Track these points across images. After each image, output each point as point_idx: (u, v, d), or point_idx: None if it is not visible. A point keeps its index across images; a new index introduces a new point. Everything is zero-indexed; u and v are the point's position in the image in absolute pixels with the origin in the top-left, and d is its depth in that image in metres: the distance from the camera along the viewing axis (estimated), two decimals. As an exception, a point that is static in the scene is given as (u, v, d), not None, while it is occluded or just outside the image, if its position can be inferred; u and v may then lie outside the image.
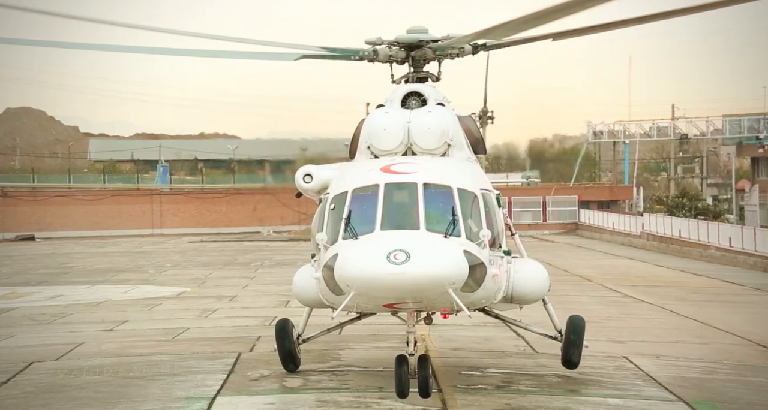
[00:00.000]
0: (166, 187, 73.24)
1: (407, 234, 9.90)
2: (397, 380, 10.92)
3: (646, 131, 77.22)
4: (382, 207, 10.25)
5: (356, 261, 9.62)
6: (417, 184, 10.44)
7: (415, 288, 9.54)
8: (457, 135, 12.03)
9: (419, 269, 9.38)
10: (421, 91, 12.07)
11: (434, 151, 11.65)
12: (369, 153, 11.83)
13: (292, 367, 13.01)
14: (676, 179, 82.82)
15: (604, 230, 59.95)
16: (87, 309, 24.00)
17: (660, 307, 23.54)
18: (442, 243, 9.85)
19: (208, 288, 29.63)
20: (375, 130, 11.75)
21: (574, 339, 12.73)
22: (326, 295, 10.62)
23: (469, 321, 20.26)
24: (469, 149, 12.57)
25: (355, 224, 10.21)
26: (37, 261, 43.72)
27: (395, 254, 9.42)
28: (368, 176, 10.82)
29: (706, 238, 43.22)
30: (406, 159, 11.46)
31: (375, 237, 9.94)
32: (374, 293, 9.68)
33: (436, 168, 11.01)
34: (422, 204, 10.22)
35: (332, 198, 10.87)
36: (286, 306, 23.36)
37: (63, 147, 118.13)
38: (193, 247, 54.40)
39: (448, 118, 11.91)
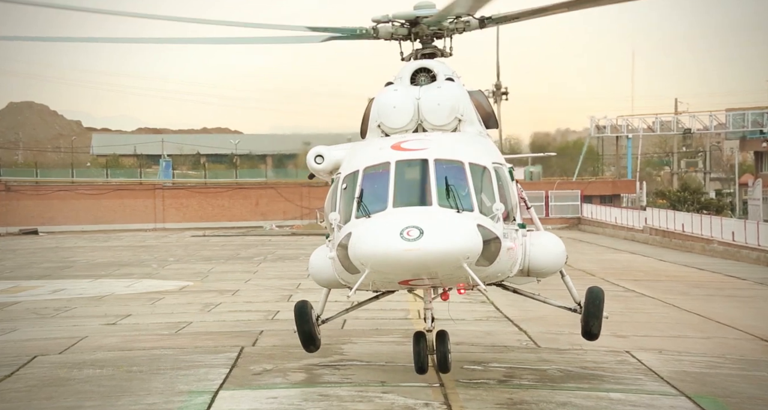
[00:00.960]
0: (168, 181, 73.30)
1: (420, 211, 9.86)
2: (415, 356, 10.99)
3: (649, 125, 77.07)
4: (394, 184, 10.20)
5: (370, 239, 9.57)
6: (428, 160, 10.37)
7: (429, 264, 9.49)
8: (468, 110, 11.88)
9: (433, 245, 9.34)
10: (429, 67, 11.94)
11: (445, 126, 11.53)
12: (379, 131, 11.71)
13: (313, 348, 12.89)
14: (679, 173, 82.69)
15: (607, 224, 59.91)
16: (90, 303, 24.04)
17: (662, 302, 23.53)
18: (455, 219, 9.80)
19: (210, 282, 29.66)
20: (384, 108, 11.63)
21: (594, 310, 12.58)
22: (342, 275, 10.58)
23: (471, 315, 20.27)
24: (481, 124, 12.42)
25: (367, 202, 10.19)
26: (40, 255, 43.80)
27: (408, 231, 9.38)
28: (379, 154, 10.74)
29: (709, 233, 43.18)
30: (417, 136, 11.35)
31: (388, 215, 9.90)
32: (389, 270, 9.63)
33: (446, 143, 10.92)
34: (434, 180, 10.17)
35: (344, 177, 10.82)
36: (288, 300, 23.38)
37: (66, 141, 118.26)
38: (196, 242, 54.45)
39: (458, 93, 11.77)
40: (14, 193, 67.15)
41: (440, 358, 10.94)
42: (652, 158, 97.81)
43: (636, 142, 77.94)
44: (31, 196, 67.42)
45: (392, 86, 11.96)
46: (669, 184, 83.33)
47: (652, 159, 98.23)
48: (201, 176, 77.18)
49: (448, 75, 12.05)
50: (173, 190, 71.26)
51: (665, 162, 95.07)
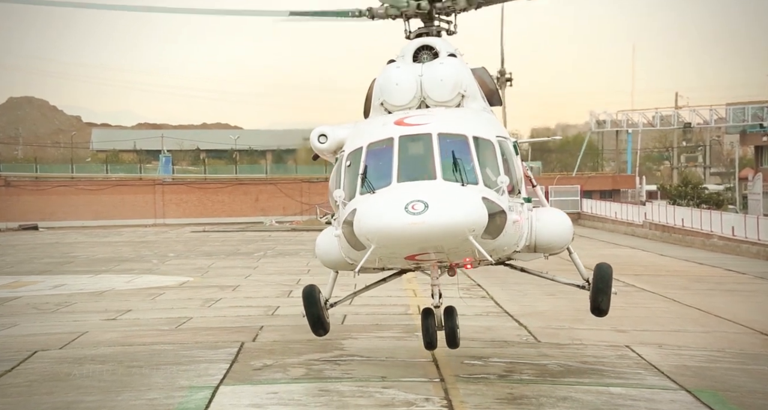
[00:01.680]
0: (168, 177, 73.26)
1: (424, 185, 9.83)
2: (424, 332, 11.01)
3: (649, 120, 77.01)
4: (398, 159, 10.18)
5: (375, 214, 9.55)
6: (431, 134, 10.35)
7: (435, 237, 9.44)
8: (471, 86, 11.84)
9: (438, 218, 9.32)
10: (432, 45, 11.89)
11: (448, 102, 11.46)
12: (382, 109, 11.67)
13: (322, 332, 12.82)
14: (679, 168, 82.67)
15: (607, 219, 59.91)
16: (90, 299, 24.05)
17: (662, 296, 23.54)
18: (459, 191, 9.78)
19: (210, 277, 29.67)
20: (387, 85, 11.59)
21: (602, 286, 12.42)
22: (348, 252, 10.53)
23: (471, 310, 20.28)
24: (484, 100, 12.37)
25: (371, 178, 10.18)
26: (40, 251, 43.81)
27: (413, 205, 9.36)
28: (382, 130, 10.72)
29: (709, 227, 43.19)
30: (420, 111, 11.30)
31: (392, 190, 9.89)
32: (394, 244, 9.59)
33: (450, 118, 10.90)
34: (438, 154, 10.14)
35: (347, 155, 10.80)
36: (288, 296, 23.40)
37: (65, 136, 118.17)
38: (196, 237, 54.46)
39: (461, 69, 11.74)
40: (14, 189, 67.13)
41: (449, 333, 10.98)
42: (652, 153, 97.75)
43: (636, 136, 77.90)
44: (31, 192, 67.41)
45: (394, 64, 11.90)
46: (669, 178, 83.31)
47: (652, 154, 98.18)
48: (201, 172, 77.15)
49: (451, 52, 12.00)
50: (173, 185, 71.25)
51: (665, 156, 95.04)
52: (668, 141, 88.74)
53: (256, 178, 73.16)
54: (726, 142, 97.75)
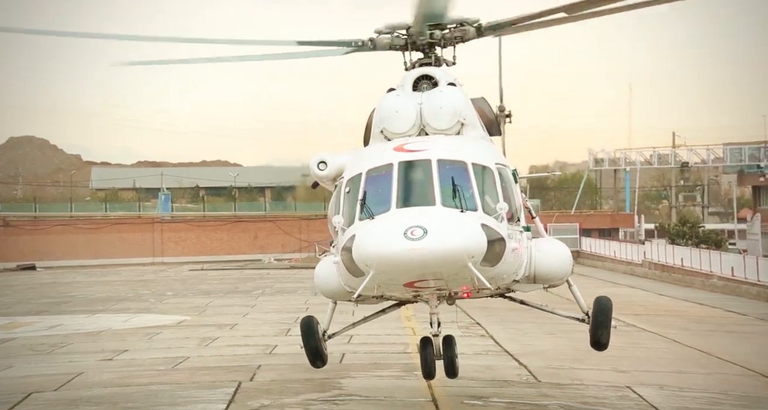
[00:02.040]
0: (167, 215, 73.24)
1: (423, 211, 9.82)
2: (422, 361, 10.95)
3: (647, 159, 77.34)
4: (397, 185, 10.18)
5: (374, 239, 9.50)
6: (431, 160, 10.36)
7: (434, 263, 9.39)
8: (470, 114, 11.90)
9: (437, 244, 9.27)
10: (431, 74, 11.98)
11: (447, 130, 11.50)
12: (382, 137, 11.69)
13: (320, 364, 12.61)
14: (678, 207, 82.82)
15: (606, 258, 59.80)
16: (87, 339, 23.86)
17: (663, 337, 23.38)
18: (458, 218, 9.74)
19: (208, 316, 29.49)
20: (387, 112, 11.66)
21: (602, 319, 12.31)
22: (347, 280, 10.43)
23: (471, 349, 20.13)
24: (483, 129, 12.44)
25: (371, 204, 10.15)
26: (37, 291, 43.56)
27: (412, 230, 9.32)
28: (381, 156, 10.75)
29: (709, 267, 43.07)
30: (419, 138, 11.34)
31: (391, 216, 9.87)
32: (393, 270, 9.53)
33: (449, 144, 10.93)
34: (437, 180, 10.14)
35: (347, 181, 10.83)
36: (286, 334, 23.23)
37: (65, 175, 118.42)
38: (194, 275, 54.26)
39: (460, 97, 11.82)
40: (12, 228, 66.98)
41: (447, 362, 10.92)
42: (650, 191, 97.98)
43: (634, 175, 78.11)
44: (30, 231, 67.26)
45: (394, 92, 11.99)
46: (668, 217, 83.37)
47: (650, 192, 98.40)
48: (200, 209, 77.18)
49: (450, 81, 12.10)
50: (172, 223, 71.21)
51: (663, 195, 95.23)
52: (666, 180, 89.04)
53: (254, 216, 73.17)
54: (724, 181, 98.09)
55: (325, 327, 12.57)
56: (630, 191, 77.69)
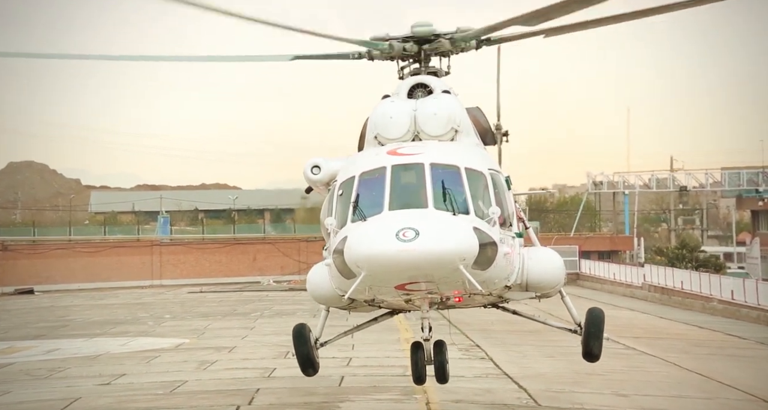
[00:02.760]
0: (166, 237, 73.16)
1: (416, 213, 9.83)
2: (413, 366, 10.93)
3: (646, 182, 77.45)
4: (390, 188, 10.20)
5: (365, 241, 9.49)
6: (424, 164, 10.39)
7: (425, 265, 9.37)
8: (464, 121, 11.96)
9: (428, 245, 9.26)
10: (426, 82, 12.07)
11: (441, 137, 11.57)
12: (376, 143, 11.72)
13: (311, 372, 12.44)
14: (677, 230, 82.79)
15: (605, 280, 59.70)
16: (84, 363, 23.72)
17: (663, 360, 23.27)
18: (450, 220, 9.76)
19: (207, 339, 29.35)
20: (381, 118, 11.72)
21: (594, 331, 12.29)
22: (338, 283, 10.36)
23: (470, 372, 20.02)
24: (478, 137, 12.51)
25: (363, 207, 10.16)
26: (35, 315, 43.36)
27: (404, 232, 9.32)
28: (375, 160, 10.79)
29: (708, 291, 42.98)
30: (413, 143, 11.41)
31: (384, 218, 9.88)
32: (384, 271, 9.48)
33: (442, 149, 11.00)
34: (430, 183, 10.16)
35: (340, 184, 10.85)
36: (285, 357, 23.10)
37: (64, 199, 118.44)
38: (193, 298, 54.08)
39: (455, 105, 11.89)
40: (11, 253, 66.76)
41: (438, 367, 10.89)
42: (649, 215, 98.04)
43: (633, 198, 78.17)
44: (28, 255, 67.08)
45: (389, 98, 12.08)
46: (667, 240, 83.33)
47: (649, 215, 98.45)
48: (199, 232, 77.10)
49: (445, 89, 12.19)
50: (171, 246, 71.09)
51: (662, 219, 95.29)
52: (665, 203, 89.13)
53: (253, 238, 73.08)
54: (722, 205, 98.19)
55: (318, 335, 12.48)
56: (629, 214, 77.71)
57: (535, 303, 12.53)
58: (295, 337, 12.19)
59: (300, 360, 12.23)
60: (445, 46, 12.29)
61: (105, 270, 67.32)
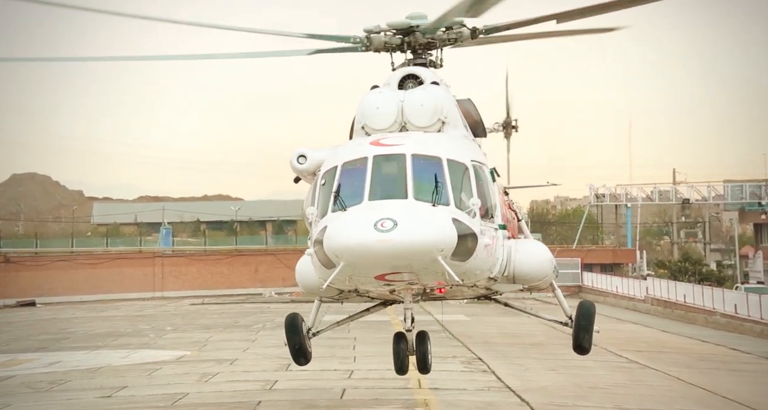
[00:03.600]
0: (168, 249, 73.12)
1: (395, 204, 9.84)
2: (395, 356, 10.96)
3: (648, 195, 77.39)
4: (371, 178, 10.21)
5: (344, 231, 9.53)
6: (405, 154, 10.41)
7: (402, 255, 9.38)
8: (452, 113, 11.93)
9: (406, 236, 9.28)
10: (417, 74, 12.09)
11: (428, 128, 11.54)
12: (363, 133, 11.73)
13: (303, 361, 12.55)
14: (679, 243, 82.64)
15: (608, 293, 59.56)
16: (85, 376, 23.66)
17: (666, 374, 23.17)
18: (429, 211, 9.77)
19: (208, 351, 29.29)
20: (368, 109, 11.70)
21: (585, 324, 12.39)
22: (320, 272, 10.33)
23: (472, 384, 19.95)
24: (467, 129, 12.50)
25: (344, 197, 10.17)
26: (37, 327, 43.28)
27: (382, 222, 9.35)
28: (357, 150, 10.81)
29: (711, 304, 42.85)
30: (397, 133, 11.41)
31: (363, 208, 9.89)
32: (362, 262, 9.51)
33: (425, 140, 11.01)
34: (410, 174, 10.18)
35: (323, 174, 10.88)
36: (287, 369, 23.05)
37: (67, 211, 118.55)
38: (195, 310, 53.99)
39: (443, 95, 11.86)
40: (13, 265, 66.60)
41: (420, 358, 10.92)
42: (651, 227, 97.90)
43: (635, 211, 78.09)
44: (30, 267, 66.96)
45: (377, 89, 12.10)
46: (669, 253, 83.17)
47: (651, 228, 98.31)
48: (201, 243, 77.07)
49: (435, 80, 12.20)
50: (173, 257, 71.03)
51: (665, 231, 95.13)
52: (667, 216, 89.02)
53: (255, 249, 73.01)
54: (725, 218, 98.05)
55: (310, 325, 12.55)
56: (631, 227, 77.60)
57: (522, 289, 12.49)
58: (288, 327, 12.28)
59: (292, 350, 12.31)
60: (439, 37, 12.27)
61: (107, 282, 67.24)
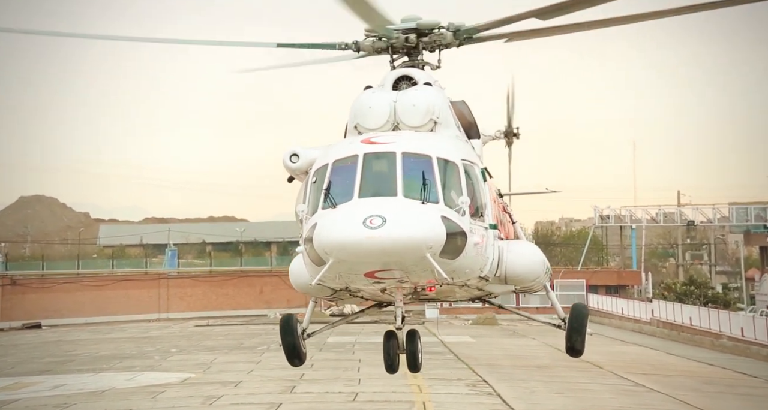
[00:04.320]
0: (173, 270, 73.07)
1: (384, 201, 9.86)
2: (385, 355, 11.01)
3: (653, 217, 77.20)
4: (361, 176, 10.23)
5: (333, 227, 9.55)
6: (396, 152, 10.44)
7: (391, 252, 9.38)
8: (445, 113, 11.95)
9: (394, 233, 9.30)
10: (411, 75, 12.11)
11: (420, 128, 11.56)
12: (356, 132, 11.73)
13: (297, 362, 12.55)
14: (685, 266, 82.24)
15: (614, 315, 59.20)
16: (90, 399, 23.53)
17: (673, 398, 22.96)
18: (418, 208, 9.78)
19: (213, 373, 29.14)
20: (361, 108, 11.75)
21: (577, 326, 12.41)
22: (311, 270, 10.32)
23: (478, 408, 19.80)
24: (460, 130, 12.51)
25: (334, 194, 10.19)
26: (42, 350, 43.14)
27: (371, 219, 9.37)
28: (349, 148, 10.83)
29: (718, 327, 42.52)
30: (388, 133, 11.42)
31: (353, 205, 9.91)
32: (351, 258, 9.50)
33: (416, 139, 11.04)
34: (400, 172, 10.20)
35: (314, 171, 10.90)
36: (291, 391, 22.91)
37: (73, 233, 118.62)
38: (200, 332, 53.79)
39: (436, 96, 11.88)
40: (19, 287, 66.47)
41: (410, 356, 10.95)
42: (656, 249, 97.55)
43: (640, 232, 77.86)
44: (36, 290, 66.83)
45: (370, 89, 12.12)
46: (675, 275, 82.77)
47: (656, 250, 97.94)
48: (206, 265, 77.01)
49: (428, 81, 12.21)
50: (178, 279, 70.95)
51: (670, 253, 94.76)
52: (672, 238, 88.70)
53: (260, 270, 72.89)
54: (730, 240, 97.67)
55: (305, 326, 12.53)
56: (636, 248, 77.33)
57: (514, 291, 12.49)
58: (283, 328, 12.32)
59: (286, 350, 12.33)
60: (433, 39, 12.31)
61: (112, 304, 67.11)
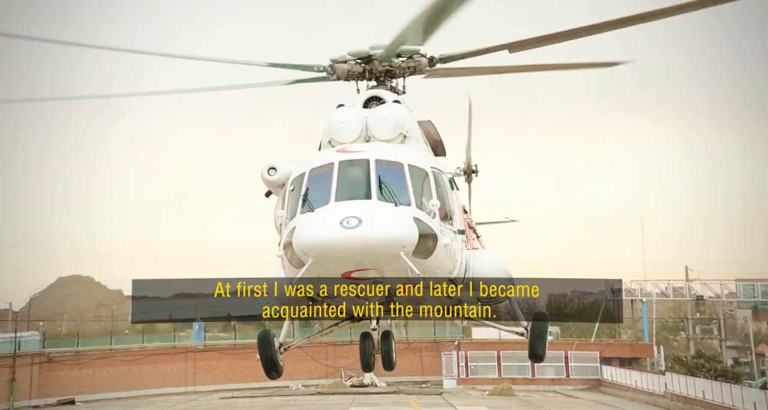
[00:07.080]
0: (200, 344, 72.46)
1: (360, 204, 10.00)
2: (362, 354, 11.42)
3: (662, 290, 76.16)
4: (337, 181, 10.37)
5: (312, 228, 9.61)
6: (369, 159, 10.60)
7: (366, 251, 9.42)
8: (413, 128, 12.13)
9: (370, 232, 9.38)
10: (380, 96, 12.39)
11: (391, 140, 11.71)
12: (330, 146, 11.89)
13: (275, 375, 12.63)
14: (695, 339, 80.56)
15: (628, 388, 57.68)
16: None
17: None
18: (392, 210, 9.93)
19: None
20: (334, 123, 11.92)
21: (539, 333, 12.64)
22: (290, 272, 10.31)
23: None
24: (427, 145, 12.66)
25: (312, 199, 10.33)
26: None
27: (348, 220, 9.48)
28: (324, 157, 11.06)
29: (731, 401, 41.24)
30: (361, 144, 11.64)
31: (330, 208, 10.03)
32: (329, 258, 9.50)
33: (388, 148, 11.24)
34: (374, 177, 10.35)
35: (292, 180, 11.03)
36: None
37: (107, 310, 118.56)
38: (224, 404, 52.89)
39: (404, 112, 12.09)
40: (55, 364, 66.05)
41: (384, 356, 11.34)
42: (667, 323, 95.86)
43: (650, 306, 76.65)
44: (71, 366, 66.29)
45: (343, 107, 12.29)
46: (686, 349, 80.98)
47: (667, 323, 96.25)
48: (231, 337, 76.38)
49: (396, 100, 12.46)
50: (204, 352, 70.30)
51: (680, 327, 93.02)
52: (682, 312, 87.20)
53: (282, 343, 72.03)
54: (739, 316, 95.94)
55: (282, 340, 12.77)
56: (647, 321, 76.00)
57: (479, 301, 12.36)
58: (260, 342, 12.66)
59: (264, 364, 12.51)
60: (398, 64, 12.54)
61: (142, 378, 66.47)
